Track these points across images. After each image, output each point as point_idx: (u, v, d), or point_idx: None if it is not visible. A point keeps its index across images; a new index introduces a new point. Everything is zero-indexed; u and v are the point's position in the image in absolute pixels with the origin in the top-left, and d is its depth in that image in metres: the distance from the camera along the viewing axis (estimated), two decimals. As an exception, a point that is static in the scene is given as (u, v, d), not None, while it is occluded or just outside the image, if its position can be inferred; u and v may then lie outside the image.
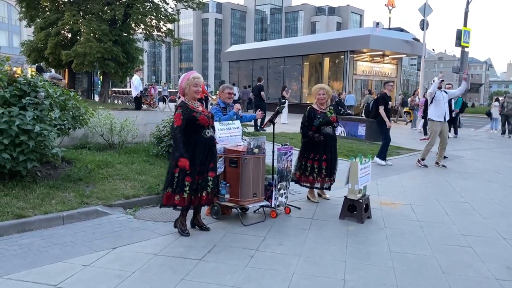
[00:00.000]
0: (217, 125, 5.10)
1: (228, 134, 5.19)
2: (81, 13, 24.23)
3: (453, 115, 10.88)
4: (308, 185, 6.01)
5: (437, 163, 9.43)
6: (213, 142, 4.69)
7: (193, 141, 4.50)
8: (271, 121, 5.70)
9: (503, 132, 17.65)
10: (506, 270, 3.90)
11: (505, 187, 7.49)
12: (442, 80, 9.60)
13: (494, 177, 8.39)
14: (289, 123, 16.47)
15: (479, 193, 6.95)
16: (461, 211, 5.85)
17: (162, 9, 25.89)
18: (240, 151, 5.00)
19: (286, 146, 5.48)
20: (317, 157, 5.91)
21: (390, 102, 9.19)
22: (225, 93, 5.55)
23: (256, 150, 5.04)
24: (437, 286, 3.53)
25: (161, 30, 27.01)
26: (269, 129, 6.09)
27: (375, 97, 13.40)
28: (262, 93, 15.61)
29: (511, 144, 14.43)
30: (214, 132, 4.77)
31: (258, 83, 16.10)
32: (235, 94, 24.22)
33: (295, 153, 6.16)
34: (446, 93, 9.40)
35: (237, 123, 5.35)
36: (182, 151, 4.35)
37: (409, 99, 21.69)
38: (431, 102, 9.29)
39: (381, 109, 9.03)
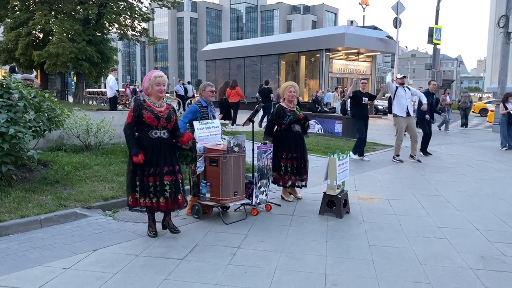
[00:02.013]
0: (196, 124, 5.10)
1: (208, 133, 5.18)
2: (53, 13, 23.75)
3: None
4: (286, 184, 6.04)
5: (411, 156, 9.67)
6: (165, 143, 4.44)
7: (140, 139, 4.38)
8: (250, 120, 5.73)
9: (463, 125, 19.18)
10: (480, 260, 4.03)
11: (477, 180, 7.73)
12: (404, 76, 9.91)
13: (466, 170, 8.64)
14: (265, 121, 16.53)
15: (453, 186, 7.15)
16: (436, 204, 6.02)
17: (137, 8, 25.58)
18: (220, 150, 5.01)
19: (266, 144, 5.52)
20: (289, 156, 5.94)
21: (365, 98, 9.33)
22: (207, 91, 5.48)
23: (236, 149, 5.05)
24: (415, 277, 3.63)
25: (136, 29, 26.70)
26: (248, 128, 6.10)
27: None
28: (272, 95, 15.96)
29: (482, 138, 14.85)
30: (168, 134, 4.48)
31: (266, 86, 16.46)
32: (215, 92, 24.21)
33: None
34: (409, 89, 9.70)
35: (217, 122, 5.35)
36: (133, 147, 4.29)
37: (441, 100, 18.26)
38: (393, 98, 9.54)
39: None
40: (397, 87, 9.47)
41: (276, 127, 6.05)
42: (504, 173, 8.53)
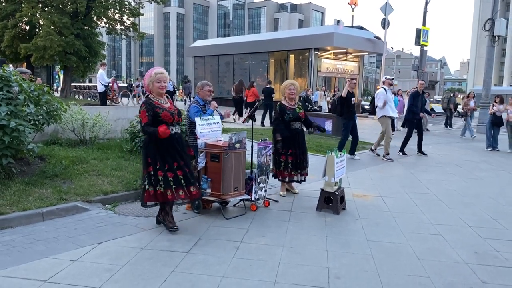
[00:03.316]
0: (198, 120, 5.17)
1: (209, 130, 5.25)
2: (41, 5, 23.41)
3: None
4: (285, 179, 6.18)
5: (371, 149, 10.38)
6: (180, 138, 4.61)
7: (158, 138, 4.40)
8: (250, 117, 5.82)
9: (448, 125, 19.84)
10: (474, 255, 4.21)
11: (466, 179, 7.96)
12: (393, 78, 10.37)
13: (455, 170, 8.88)
14: (256, 119, 16.64)
15: (443, 185, 7.36)
16: (429, 201, 6.20)
17: (126, 3, 25.38)
18: (222, 146, 5.10)
19: (265, 141, 5.62)
20: (289, 152, 6.08)
21: (353, 98, 9.49)
22: (205, 90, 5.54)
23: (237, 145, 5.14)
24: (414, 271, 3.78)
25: (125, 24, 26.50)
26: (248, 125, 6.17)
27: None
28: (273, 95, 16.60)
29: (468, 139, 15.18)
30: (178, 128, 4.61)
31: (268, 86, 17.06)
32: (193, 88, 24.73)
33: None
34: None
35: (217, 118, 5.43)
36: (156, 129, 4.31)
37: (462, 103, 17.61)
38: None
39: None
40: (385, 90, 9.78)
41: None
42: (491, 172, 8.80)
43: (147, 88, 4.60)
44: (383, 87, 10.03)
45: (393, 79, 10.20)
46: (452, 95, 21.63)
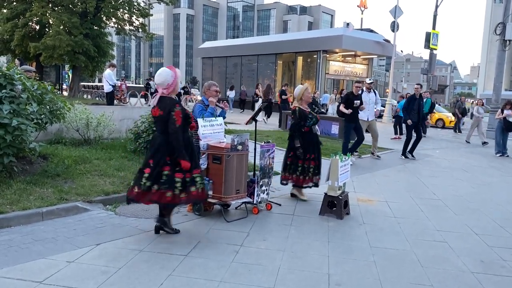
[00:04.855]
0: (200, 121, 5.11)
1: (211, 131, 5.20)
2: (50, 5, 23.58)
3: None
4: (309, 185, 6.05)
5: (372, 153, 10.33)
6: (157, 141, 4.41)
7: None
8: (253, 119, 5.75)
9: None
10: (480, 264, 4.09)
11: (473, 185, 7.82)
12: (372, 82, 10.60)
13: (462, 175, 8.73)
14: (261, 121, 16.58)
15: (450, 190, 7.23)
16: (435, 207, 6.08)
17: (135, 3, 25.48)
18: (224, 148, 5.03)
19: (268, 144, 5.55)
20: (312, 157, 6.00)
21: (357, 101, 9.35)
22: (212, 90, 5.48)
23: (239, 147, 5.07)
24: (418, 279, 3.68)
25: (134, 24, 26.60)
26: (251, 126, 6.09)
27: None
28: (283, 96, 16.81)
29: (476, 144, 14.98)
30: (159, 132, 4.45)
31: (283, 88, 17.50)
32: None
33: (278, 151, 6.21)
34: (375, 93, 10.36)
35: (220, 120, 5.36)
36: None
37: None
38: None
39: (341, 107, 9.40)
40: (363, 91, 9.83)
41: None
42: (499, 178, 8.65)
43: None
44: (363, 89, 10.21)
45: (371, 83, 10.52)
46: (459, 99, 21.45)
